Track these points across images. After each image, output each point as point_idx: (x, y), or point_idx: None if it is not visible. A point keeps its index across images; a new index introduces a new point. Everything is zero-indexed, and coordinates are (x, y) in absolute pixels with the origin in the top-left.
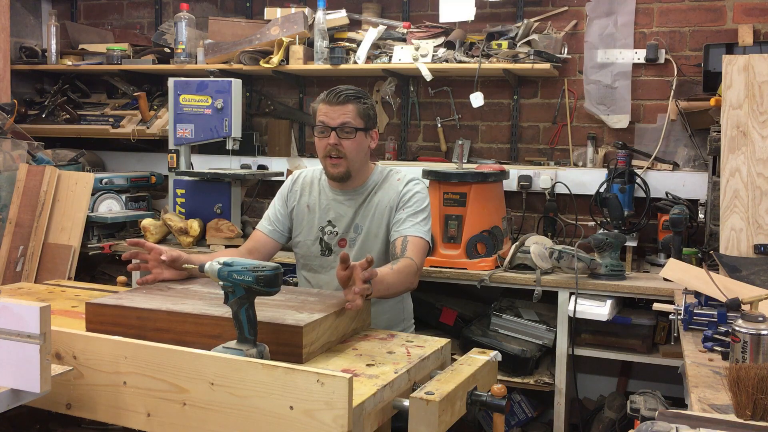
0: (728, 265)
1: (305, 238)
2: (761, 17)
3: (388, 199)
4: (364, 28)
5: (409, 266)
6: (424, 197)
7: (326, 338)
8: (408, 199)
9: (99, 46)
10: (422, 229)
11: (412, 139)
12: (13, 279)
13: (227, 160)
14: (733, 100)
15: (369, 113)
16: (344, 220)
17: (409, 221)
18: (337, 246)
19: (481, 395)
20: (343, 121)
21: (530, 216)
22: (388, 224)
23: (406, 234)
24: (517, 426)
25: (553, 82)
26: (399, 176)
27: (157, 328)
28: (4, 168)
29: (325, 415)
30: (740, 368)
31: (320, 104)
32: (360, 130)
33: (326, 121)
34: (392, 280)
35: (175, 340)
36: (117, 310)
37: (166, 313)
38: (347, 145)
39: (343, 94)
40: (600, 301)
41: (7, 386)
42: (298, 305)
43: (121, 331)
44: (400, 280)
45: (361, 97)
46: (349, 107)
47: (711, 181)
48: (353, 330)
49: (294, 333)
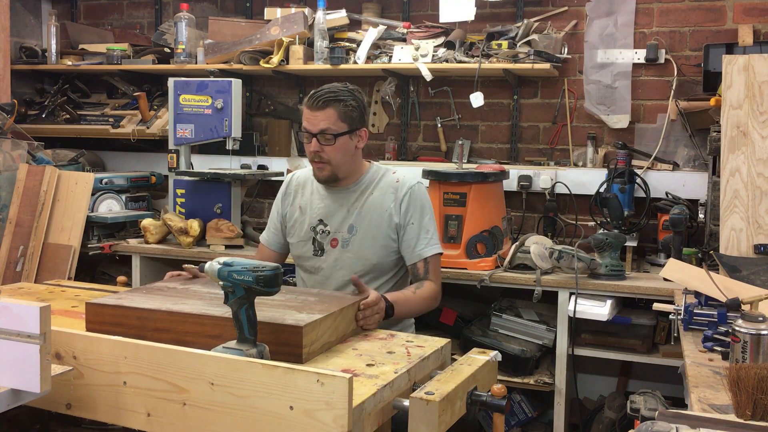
0: (728, 265)
1: (298, 239)
2: (761, 17)
3: (386, 202)
4: (364, 28)
5: (433, 290)
6: (426, 201)
7: (326, 338)
8: (412, 214)
9: (99, 46)
10: (435, 243)
11: (412, 139)
12: (13, 279)
13: (227, 160)
14: (733, 100)
15: (352, 114)
16: (336, 219)
17: (423, 240)
18: (330, 246)
19: (481, 395)
20: (322, 128)
21: (530, 216)
22: (388, 229)
23: (425, 256)
24: (517, 426)
25: (553, 82)
26: (397, 176)
27: (157, 328)
28: (4, 168)
29: (325, 415)
30: (740, 368)
31: (304, 107)
32: (342, 135)
33: (308, 127)
34: (413, 306)
35: (175, 340)
36: (117, 310)
37: (167, 313)
38: (329, 151)
39: (322, 99)
40: (600, 301)
41: (7, 386)
42: (298, 305)
43: (121, 331)
44: (423, 306)
45: (342, 98)
46: (329, 112)
47: (711, 181)
48: (353, 330)
49: (294, 333)
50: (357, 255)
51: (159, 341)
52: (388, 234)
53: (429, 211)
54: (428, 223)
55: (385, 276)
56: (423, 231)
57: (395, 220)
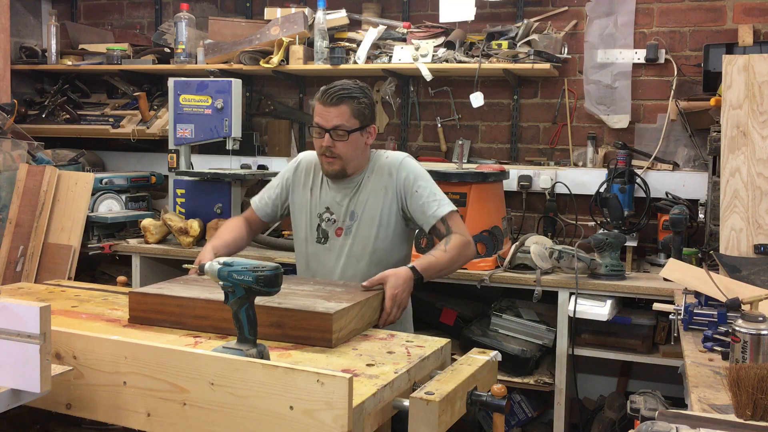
0: (728, 265)
1: (304, 222)
2: (761, 17)
3: (382, 181)
4: (364, 28)
5: (463, 241)
6: (423, 171)
7: (353, 325)
8: (413, 181)
9: (99, 46)
10: (447, 202)
11: (412, 139)
12: (13, 279)
13: (227, 160)
14: (733, 100)
15: (365, 111)
16: (341, 209)
17: (433, 203)
18: (335, 235)
19: (481, 395)
20: (336, 124)
21: (530, 216)
22: (387, 207)
23: (440, 215)
24: (517, 426)
25: (553, 82)
26: (387, 154)
27: (196, 315)
28: (4, 168)
29: (325, 415)
30: (740, 368)
31: (316, 102)
32: (354, 131)
33: (320, 123)
34: (447, 263)
35: (213, 327)
36: (158, 299)
37: (205, 301)
38: (340, 147)
39: (336, 95)
40: (600, 301)
41: (7, 386)
42: (326, 295)
43: (162, 319)
44: (458, 258)
45: (356, 95)
46: (342, 108)
47: (711, 181)
48: (377, 319)
49: (325, 319)
50: (359, 241)
51: (198, 328)
52: (388, 211)
53: (428, 177)
54: (433, 188)
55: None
56: (431, 195)
57: (392, 195)
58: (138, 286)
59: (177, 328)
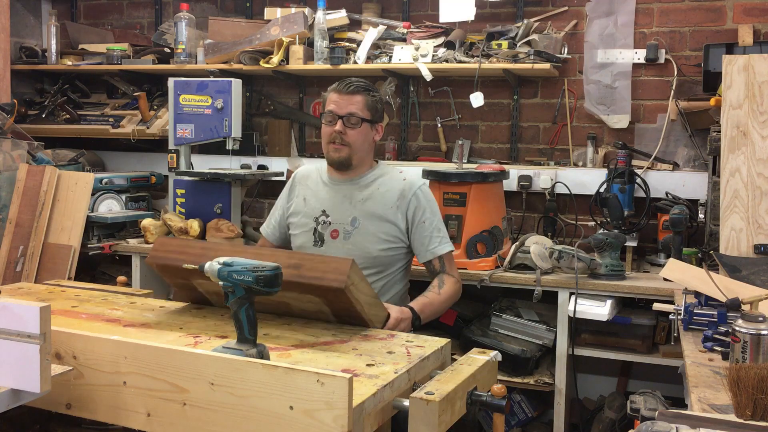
0: (728, 265)
1: (300, 229)
2: (761, 17)
3: (392, 198)
4: (364, 28)
5: (455, 285)
6: (434, 202)
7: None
8: (424, 211)
9: (99, 46)
10: (447, 241)
11: (412, 139)
12: (13, 279)
13: (227, 160)
14: (733, 100)
15: (377, 106)
16: (339, 210)
17: (436, 238)
18: (330, 237)
19: (481, 395)
20: (350, 111)
21: (530, 216)
22: (391, 225)
23: (439, 253)
24: (517, 426)
25: (553, 82)
26: (404, 175)
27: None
28: (4, 168)
29: (325, 415)
30: (740, 368)
31: (331, 92)
32: (366, 122)
33: (334, 110)
34: (440, 307)
35: None
36: (183, 242)
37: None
38: (351, 134)
39: (354, 85)
40: (600, 301)
41: (7, 386)
42: None
43: (184, 258)
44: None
45: (370, 90)
46: (358, 98)
47: (711, 181)
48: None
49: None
50: (358, 247)
51: None
52: (391, 229)
53: (438, 211)
54: (439, 223)
55: (386, 271)
56: (435, 230)
57: (401, 217)
58: (138, 286)
59: None
